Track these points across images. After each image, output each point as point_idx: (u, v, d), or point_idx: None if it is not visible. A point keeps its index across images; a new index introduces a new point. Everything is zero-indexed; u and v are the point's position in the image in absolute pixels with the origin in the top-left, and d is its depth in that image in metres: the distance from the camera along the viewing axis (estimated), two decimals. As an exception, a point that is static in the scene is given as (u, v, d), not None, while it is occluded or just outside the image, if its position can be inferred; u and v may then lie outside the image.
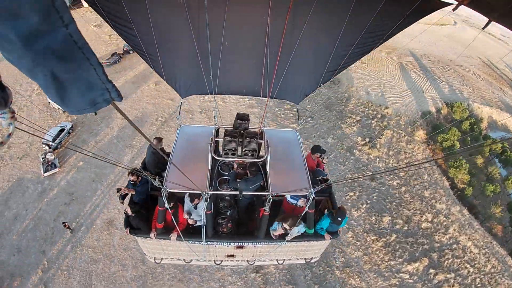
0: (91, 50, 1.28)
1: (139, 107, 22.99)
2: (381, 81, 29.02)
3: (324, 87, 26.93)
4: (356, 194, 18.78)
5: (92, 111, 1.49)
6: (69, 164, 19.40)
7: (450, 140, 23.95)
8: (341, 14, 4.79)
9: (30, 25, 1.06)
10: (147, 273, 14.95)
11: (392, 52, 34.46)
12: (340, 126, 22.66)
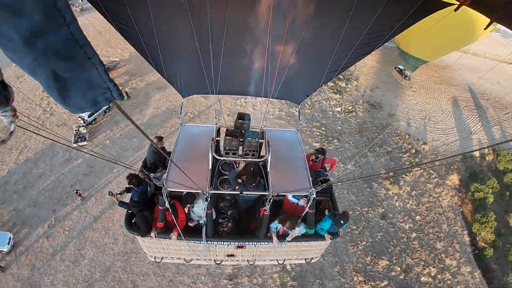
0: (93, 49, 1.29)
1: (174, 100, 24.18)
2: (427, 113, 27.14)
3: (361, 110, 26.28)
4: (359, 229, 17.91)
5: (93, 110, 1.52)
6: (97, 140, 21.20)
7: (484, 192, 21.66)
8: (342, 14, 4.78)
9: (32, 24, 1.07)
10: (132, 251, 16.09)
11: (449, 85, 32.10)
12: (366, 154, 21.62)
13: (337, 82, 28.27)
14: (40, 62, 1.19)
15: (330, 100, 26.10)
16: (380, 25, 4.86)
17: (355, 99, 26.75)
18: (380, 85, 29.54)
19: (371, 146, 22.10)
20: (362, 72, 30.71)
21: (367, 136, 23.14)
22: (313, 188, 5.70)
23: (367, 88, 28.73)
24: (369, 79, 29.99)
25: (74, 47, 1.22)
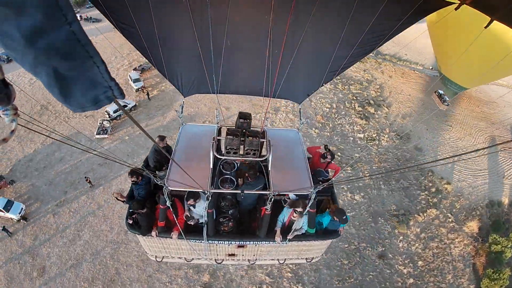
0: (94, 48, 1.31)
1: (196, 107, 25.08)
2: (458, 151, 25.33)
3: (386, 140, 25.27)
4: (351, 264, 17.14)
5: (94, 108, 1.53)
6: (118, 135, 22.98)
7: (502, 245, 19.68)
8: (343, 14, 4.80)
9: (34, 23, 1.09)
10: (123, 242, 17.31)
11: (489, 122, 29.99)
12: (380, 186, 20.78)
13: (366, 107, 27.58)
14: (42, 60, 1.21)
15: (354, 125, 25.46)
16: (381, 25, 4.86)
17: (382, 127, 25.81)
18: (413, 115, 28.24)
19: (385, 177, 21.15)
20: (397, 100, 29.53)
21: (385, 167, 22.21)
22: (314, 187, 5.71)
23: (398, 117, 27.53)
24: (402, 107, 28.70)
25: (76, 46, 1.24)
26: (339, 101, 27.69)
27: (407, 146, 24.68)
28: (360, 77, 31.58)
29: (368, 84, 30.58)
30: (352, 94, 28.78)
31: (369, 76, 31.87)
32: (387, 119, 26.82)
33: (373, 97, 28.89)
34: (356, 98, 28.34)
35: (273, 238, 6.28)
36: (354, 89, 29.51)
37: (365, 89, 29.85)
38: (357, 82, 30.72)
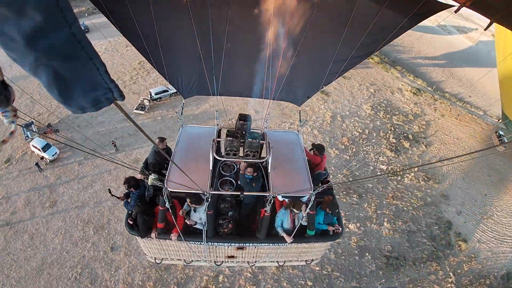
0: (94, 50, 1.31)
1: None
2: (492, 210, 22.72)
3: (410, 178, 23.66)
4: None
5: (94, 110, 1.52)
6: (153, 114, 26.05)
7: None
8: (343, 16, 4.84)
9: (34, 24, 1.07)
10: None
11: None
12: (382, 223, 19.52)
13: (401, 140, 26.10)
14: (42, 62, 1.19)
15: (380, 155, 24.38)
16: (381, 27, 4.86)
17: (411, 164, 24.30)
18: (453, 160, 25.79)
19: (394, 215, 19.92)
20: (440, 140, 27.47)
21: (397, 205, 20.96)
22: (313, 189, 5.81)
23: (435, 158, 25.51)
24: (443, 149, 26.63)
25: (76, 47, 1.23)
26: (374, 128, 26.70)
27: (433, 190, 22.88)
28: (408, 109, 29.93)
29: (414, 118, 28.86)
30: (391, 125, 27.48)
31: (419, 110, 30.04)
32: (420, 157, 25.11)
33: (414, 132, 27.20)
34: (394, 130, 27.00)
35: (272, 240, 6.36)
36: (396, 120, 28.11)
37: (409, 123, 28.24)
38: (402, 113, 29.20)
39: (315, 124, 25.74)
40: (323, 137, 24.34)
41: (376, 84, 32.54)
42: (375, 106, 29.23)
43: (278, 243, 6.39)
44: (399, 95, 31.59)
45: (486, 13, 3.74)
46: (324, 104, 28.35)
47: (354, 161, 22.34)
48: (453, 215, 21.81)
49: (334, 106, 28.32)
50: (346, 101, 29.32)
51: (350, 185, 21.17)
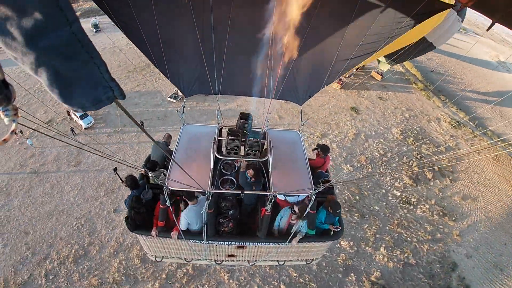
0: (95, 49, 1.30)
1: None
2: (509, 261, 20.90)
3: (423, 209, 21.99)
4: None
5: (95, 109, 1.54)
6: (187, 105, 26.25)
7: None
8: (345, 15, 4.80)
9: (35, 23, 1.07)
10: None
11: None
12: (378, 248, 18.51)
13: (425, 171, 24.50)
14: (42, 61, 1.19)
15: (397, 181, 23.11)
16: (383, 26, 4.81)
17: (428, 196, 22.74)
18: (479, 201, 23.98)
19: (394, 244, 18.89)
20: (469, 177, 25.28)
21: (401, 234, 19.75)
22: (314, 189, 5.74)
23: (458, 195, 23.72)
24: (470, 188, 24.46)
25: (76, 46, 1.23)
26: (398, 153, 25.42)
27: (446, 227, 21.21)
28: (442, 140, 28.10)
29: (446, 151, 26.94)
30: (418, 153, 25.96)
31: (454, 143, 28.02)
32: (441, 191, 23.34)
33: (442, 165, 25.51)
34: (420, 158, 25.44)
35: (273, 239, 6.33)
36: (424, 149, 26.45)
37: (439, 154, 26.38)
38: (434, 143, 27.43)
39: (336, 138, 25.18)
40: (340, 152, 23.76)
41: (413, 110, 31.00)
42: (405, 131, 27.80)
43: (279, 242, 6.34)
44: (435, 125, 29.76)
45: (487, 13, 3.69)
46: (351, 121, 27.60)
47: (365, 179, 21.53)
48: (461, 257, 19.89)
49: (361, 124, 27.50)
50: (376, 121, 28.32)
51: (355, 204, 20.47)
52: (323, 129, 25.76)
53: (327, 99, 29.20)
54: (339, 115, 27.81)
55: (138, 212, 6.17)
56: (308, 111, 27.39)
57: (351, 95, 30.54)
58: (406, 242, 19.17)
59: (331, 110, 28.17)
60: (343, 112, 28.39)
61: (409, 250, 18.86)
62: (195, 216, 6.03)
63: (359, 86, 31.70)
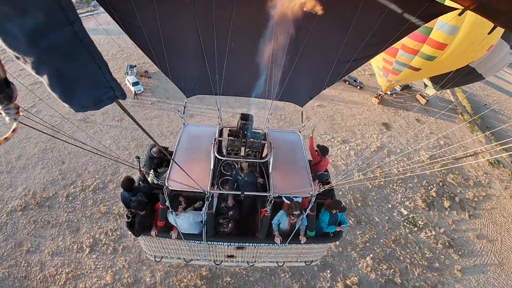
0: (96, 48, 1.28)
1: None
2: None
3: (427, 235, 20.75)
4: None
5: (96, 108, 1.52)
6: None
7: None
8: (347, 17, 4.71)
9: (36, 23, 1.05)
10: None
11: None
12: (367, 260, 17.99)
13: (443, 199, 23.00)
14: (44, 60, 1.18)
15: (407, 200, 22.04)
16: (385, 29, 4.69)
17: (438, 224, 21.34)
18: (496, 243, 21.92)
19: (389, 259, 18.34)
20: (492, 217, 23.03)
21: (395, 250, 18.87)
22: (313, 190, 5.64)
23: (473, 232, 21.83)
24: (490, 228, 22.36)
25: (78, 46, 1.21)
26: (419, 175, 24.08)
27: (448, 259, 19.68)
28: (473, 175, 25.94)
29: (474, 186, 24.89)
30: (442, 180, 24.36)
31: (485, 181, 25.74)
32: (455, 223, 21.70)
33: (465, 198, 23.60)
34: (442, 186, 23.89)
35: (272, 240, 6.11)
36: (450, 179, 24.72)
37: (465, 187, 24.53)
38: (463, 175, 25.50)
39: (356, 147, 24.62)
40: (356, 159, 23.26)
41: (450, 139, 28.90)
42: (435, 157, 25.85)
43: (279, 244, 6.20)
44: (471, 158, 27.45)
45: (489, 17, 3.63)
46: (378, 135, 26.67)
47: (373, 191, 21.09)
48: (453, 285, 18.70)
49: (388, 140, 26.43)
50: (405, 141, 27.01)
51: (354, 209, 19.97)
52: (346, 136, 25.35)
53: (360, 111, 28.53)
54: (368, 127, 27.02)
55: (142, 215, 5.94)
56: (337, 118, 27.14)
57: (387, 112, 29.40)
58: (397, 260, 18.30)
59: (361, 121, 27.48)
60: (373, 125, 27.53)
61: (397, 269, 18.01)
62: (186, 224, 5.88)
63: (399, 105, 30.37)
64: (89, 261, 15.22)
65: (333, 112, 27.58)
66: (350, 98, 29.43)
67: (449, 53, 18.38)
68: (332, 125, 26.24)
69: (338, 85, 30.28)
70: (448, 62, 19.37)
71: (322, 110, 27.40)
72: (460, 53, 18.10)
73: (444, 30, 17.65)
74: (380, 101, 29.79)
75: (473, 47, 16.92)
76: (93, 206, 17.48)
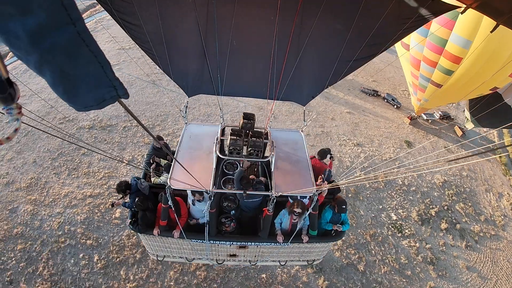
0: (99, 48, 1.27)
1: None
2: None
3: (417, 262, 19.99)
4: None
5: (98, 108, 1.51)
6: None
7: None
8: (348, 16, 4.58)
9: (38, 22, 1.04)
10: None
11: None
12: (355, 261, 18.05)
13: (442, 221, 21.58)
14: (46, 59, 1.18)
15: (403, 209, 21.34)
16: (387, 27, 4.57)
17: (427, 240, 20.27)
18: (488, 281, 19.57)
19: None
20: (493, 259, 20.80)
21: (369, 243, 18.58)
22: (316, 189, 5.45)
23: (464, 262, 20.13)
24: (487, 268, 20.34)
25: (80, 45, 1.21)
26: (424, 193, 22.97)
27: (423, 272, 18.73)
28: (488, 213, 23.54)
29: (484, 222, 22.77)
30: (448, 206, 22.74)
31: (501, 221, 23.26)
32: (445, 246, 20.33)
33: (468, 228, 21.87)
34: (446, 210, 22.40)
35: (274, 240, 6.03)
36: (459, 207, 22.89)
37: (473, 220, 22.66)
38: (475, 209, 23.44)
39: (368, 152, 24.45)
40: (363, 161, 23.22)
41: (475, 173, 26.36)
42: (450, 184, 24.29)
43: (280, 242, 6.04)
44: (491, 197, 24.81)
45: (491, 15, 3.53)
46: (396, 148, 25.82)
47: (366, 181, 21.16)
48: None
49: (404, 155, 25.36)
50: (423, 160, 24.85)
51: (357, 218, 19.49)
52: (363, 141, 25.22)
53: (387, 125, 27.87)
54: (388, 140, 26.35)
55: (148, 209, 5.89)
56: (361, 125, 26.95)
57: (416, 133, 28.12)
58: (368, 252, 18.13)
59: (383, 133, 26.87)
60: (395, 139, 26.70)
61: (365, 259, 17.88)
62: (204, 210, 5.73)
63: (431, 130, 28.96)
64: (123, 170, 19.10)
65: (359, 120, 27.45)
66: (383, 114, 28.73)
67: (465, 68, 17.62)
68: (353, 130, 26.28)
69: (375, 101, 29.79)
70: (467, 78, 18.39)
71: (350, 116, 27.43)
72: (478, 70, 17.31)
73: (457, 43, 17.08)
74: (412, 122, 28.74)
75: (493, 65, 16.29)
76: (140, 137, 21.63)
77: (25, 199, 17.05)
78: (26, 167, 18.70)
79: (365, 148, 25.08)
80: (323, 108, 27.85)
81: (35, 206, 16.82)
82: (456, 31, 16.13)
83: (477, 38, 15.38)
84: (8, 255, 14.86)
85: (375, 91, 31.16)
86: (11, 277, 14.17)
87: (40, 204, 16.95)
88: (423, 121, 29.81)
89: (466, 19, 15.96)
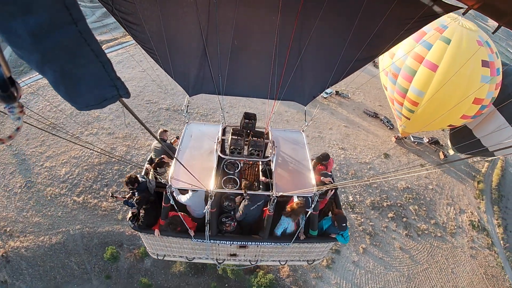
0: (100, 47, 1.19)
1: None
2: None
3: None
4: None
5: (100, 107, 1.38)
6: None
7: None
8: (349, 17, 4.23)
9: (40, 22, 0.98)
10: None
11: None
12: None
13: (391, 212, 23.65)
14: (48, 59, 1.10)
15: (361, 196, 24.04)
16: (388, 28, 4.22)
17: (371, 219, 22.84)
18: (417, 265, 21.91)
19: None
20: (432, 255, 22.83)
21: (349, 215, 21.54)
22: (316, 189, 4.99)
23: (399, 243, 22.42)
24: (422, 258, 22.39)
25: (82, 45, 1.12)
26: (383, 191, 25.08)
27: (361, 237, 21.78)
28: (443, 221, 24.67)
29: (434, 225, 24.17)
30: (402, 203, 24.55)
31: (453, 229, 24.28)
32: (387, 228, 23.00)
33: (414, 224, 23.59)
34: (398, 206, 24.31)
35: (274, 240, 5.67)
36: (413, 208, 24.44)
37: (421, 220, 24.32)
38: (429, 213, 24.69)
39: (349, 156, 27.28)
40: (340, 160, 26.31)
41: (443, 189, 26.81)
42: (411, 190, 25.63)
43: (281, 242, 5.70)
44: (451, 210, 25.45)
45: (493, 16, 3.25)
46: (374, 157, 28.04)
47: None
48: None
49: (378, 163, 27.45)
50: (393, 168, 26.94)
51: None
52: (348, 147, 27.96)
53: (374, 140, 29.75)
54: (370, 150, 28.35)
55: (153, 206, 5.50)
56: (351, 136, 29.43)
57: (398, 150, 29.33)
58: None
59: (368, 144, 28.87)
60: (376, 150, 28.45)
61: None
62: (198, 201, 5.43)
63: (415, 150, 29.99)
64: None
65: (351, 132, 30.00)
66: (374, 131, 30.68)
67: (423, 109, 21.42)
68: (343, 138, 28.95)
69: (373, 121, 31.91)
70: (426, 115, 21.50)
71: (345, 128, 30.15)
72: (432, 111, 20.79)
73: (414, 92, 21.27)
74: (397, 141, 29.93)
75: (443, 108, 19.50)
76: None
77: (121, 144, 24.60)
78: (123, 126, 25.23)
79: (347, 152, 28.00)
80: (326, 120, 31.05)
81: (128, 148, 24.34)
82: (413, 84, 20.97)
83: (430, 89, 19.83)
84: (107, 171, 23.22)
85: (376, 113, 33.00)
86: (107, 182, 22.87)
87: (131, 148, 24.44)
88: (411, 142, 30.77)
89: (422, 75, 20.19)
